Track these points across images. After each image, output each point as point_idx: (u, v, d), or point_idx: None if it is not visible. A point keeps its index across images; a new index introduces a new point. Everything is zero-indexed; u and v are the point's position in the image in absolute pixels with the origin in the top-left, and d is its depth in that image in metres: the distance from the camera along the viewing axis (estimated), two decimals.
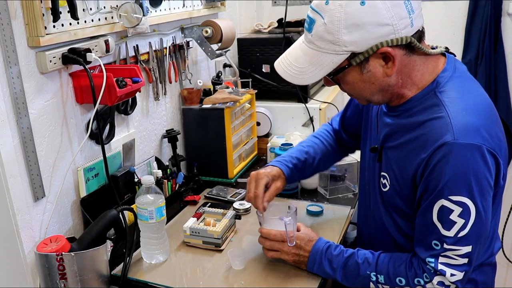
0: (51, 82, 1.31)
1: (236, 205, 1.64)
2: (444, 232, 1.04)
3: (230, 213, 1.51)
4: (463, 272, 1.06)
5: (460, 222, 1.02)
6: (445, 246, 1.05)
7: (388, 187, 1.19)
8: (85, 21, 1.36)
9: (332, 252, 1.23)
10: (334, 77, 1.09)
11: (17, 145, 1.21)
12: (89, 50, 1.31)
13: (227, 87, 2.03)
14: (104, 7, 1.42)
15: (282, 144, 1.86)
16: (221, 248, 1.41)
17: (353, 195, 1.74)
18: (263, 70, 2.25)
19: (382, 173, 1.21)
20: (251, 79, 2.20)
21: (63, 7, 1.26)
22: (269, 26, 2.48)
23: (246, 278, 1.27)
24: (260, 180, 1.33)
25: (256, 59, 2.24)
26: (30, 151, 1.25)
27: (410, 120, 1.11)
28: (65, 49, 1.30)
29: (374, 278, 1.15)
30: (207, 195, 1.77)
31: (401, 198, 1.16)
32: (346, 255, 1.21)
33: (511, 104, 2.45)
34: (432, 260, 1.07)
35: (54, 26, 1.25)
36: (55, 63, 1.28)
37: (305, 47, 1.08)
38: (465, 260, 1.05)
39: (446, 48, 1.16)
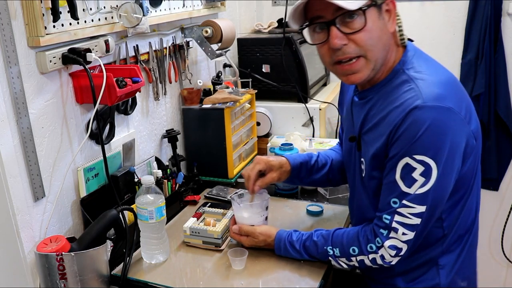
0: (51, 82, 1.31)
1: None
2: (404, 189, 1.09)
3: (230, 213, 1.51)
4: (414, 232, 1.11)
5: (420, 180, 1.07)
6: (404, 201, 1.10)
7: (364, 172, 1.22)
8: (85, 21, 1.36)
9: (292, 238, 1.31)
10: (362, 17, 1.07)
11: (17, 145, 1.21)
12: (89, 50, 1.31)
13: (227, 87, 2.03)
14: (104, 7, 1.42)
15: (282, 144, 1.86)
16: (221, 248, 1.41)
17: None
18: (263, 70, 2.25)
19: (362, 159, 1.24)
20: (251, 79, 2.19)
21: (63, 7, 1.26)
22: (269, 26, 2.48)
23: (246, 278, 1.27)
24: (257, 164, 1.44)
25: (256, 59, 2.24)
26: (30, 151, 1.25)
27: (382, 100, 1.15)
28: (65, 49, 1.30)
29: (331, 252, 1.24)
30: (207, 195, 1.77)
31: (378, 179, 1.18)
32: (304, 237, 1.30)
33: (511, 104, 2.45)
34: (388, 217, 1.13)
35: (54, 26, 1.25)
36: (55, 63, 1.28)
37: None
38: (418, 221, 1.10)
39: (410, 39, 1.21)
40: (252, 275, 1.29)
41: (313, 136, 2.18)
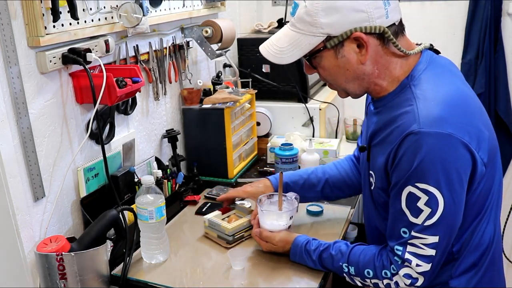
0: (51, 82, 1.31)
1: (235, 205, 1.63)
2: (412, 219, 1.06)
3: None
4: (430, 264, 1.07)
5: (427, 210, 1.04)
6: (413, 233, 1.07)
7: (374, 185, 1.21)
8: (85, 21, 1.36)
9: (310, 247, 1.27)
10: (312, 60, 1.13)
11: (17, 145, 1.21)
12: (89, 50, 1.31)
13: (227, 87, 2.03)
14: (104, 7, 1.42)
15: (282, 144, 1.86)
16: (231, 245, 1.40)
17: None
18: (263, 70, 2.25)
19: (370, 172, 1.22)
20: (251, 79, 2.20)
21: (63, 7, 1.26)
22: (269, 26, 2.49)
23: (246, 278, 1.27)
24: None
25: (256, 59, 2.24)
26: (30, 151, 1.25)
27: (388, 115, 1.12)
28: (65, 49, 1.30)
29: (346, 269, 1.20)
30: (207, 195, 1.77)
31: (385, 194, 1.16)
32: (322, 248, 1.26)
33: (511, 104, 2.46)
34: (400, 248, 1.09)
35: (54, 26, 1.25)
36: (55, 63, 1.28)
37: (288, 30, 1.13)
38: (432, 252, 1.06)
39: (431, 45, 1.17)
40: (252, 275, 1.29)
41: (313, 136, 2.18)
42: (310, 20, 1.06)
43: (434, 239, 1.05)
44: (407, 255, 1.08)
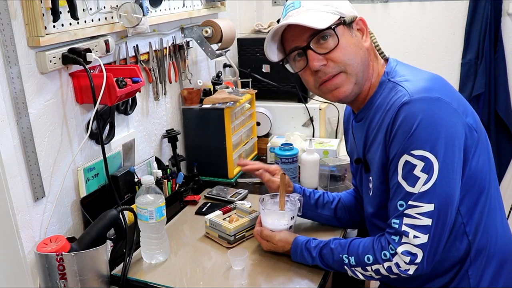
0: (51, 82, 1.31)
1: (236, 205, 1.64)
2: (408, 189, 1.07)
3: (255, 214, 1.48)
4: (427, 235, 1.06)
5: (423, 177, 1.05)
6: (409, 202, 1.07)
7: (372, 189, 1.21)
8: (85, 21, 1.36)
9: (310, 245, 1.28)
10: (331, 39, 1.13)
11: (17, 145, 1.21)
12: (89, 50, 1.31)
13: (227, 87, 2.04)
14: (104, 7, 1.42)
15: (282, 144, 1.86)
16: (233, 245, 1.41)
17: None
18: (263, 70, 2.25)
19: (370, 178, 1.23)
20: (251, 79, 2.20)
21: (63, 7, 1.26)
22: (269, 26, 2.49)
23: (246, 278, 1.27)
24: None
25: (256, 59, 2.24)
26: (30, 151, 1.25)
27: (376, 114, 1.17)
28: (65, 49, 1.30)
29: (346, 261, 1.19)
30: (207, 195, 1.77)
31: (385, 185, 1.16)
32: (322, 245, 1.26)
33: (511, 104, 2.46)
34: (397, 221, 1.09)
35: (54, 26, 1.25)
36: (55, 63, 1.28)
37: (307, 11, 1.15)
38: (429, 221, 1.05)
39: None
40: (252, 275, 1.29)
41: (313, 136, 2.18)
42: (325, 3, 1.14)
43: (429, 207, 1.05)
44: (403, 227, 1.07)
